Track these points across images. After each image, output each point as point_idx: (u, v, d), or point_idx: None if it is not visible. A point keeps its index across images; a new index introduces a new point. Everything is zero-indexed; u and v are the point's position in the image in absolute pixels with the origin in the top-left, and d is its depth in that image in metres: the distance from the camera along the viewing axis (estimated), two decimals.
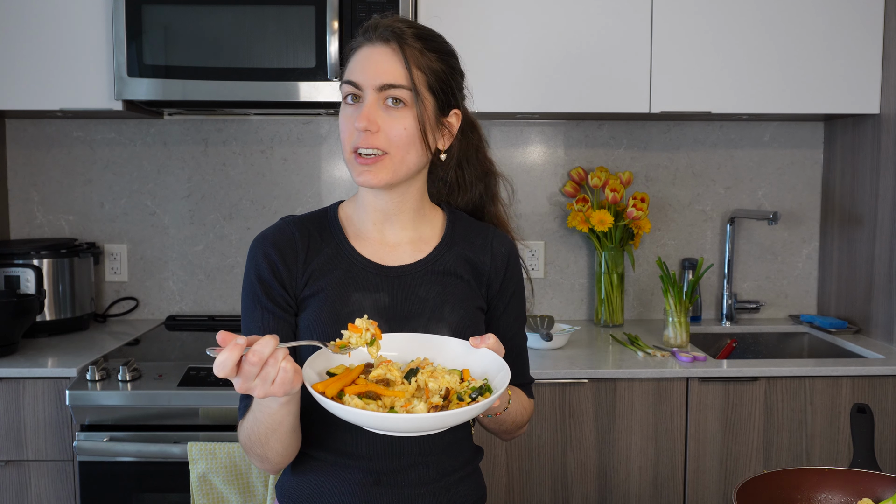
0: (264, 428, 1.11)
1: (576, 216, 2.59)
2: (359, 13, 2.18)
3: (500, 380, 1.07)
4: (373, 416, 0.97)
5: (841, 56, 2.36)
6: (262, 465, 1.19)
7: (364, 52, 1.19)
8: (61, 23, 2.27)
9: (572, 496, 2.11)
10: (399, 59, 1.18)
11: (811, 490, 1.18)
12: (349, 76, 1.20)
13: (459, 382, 1.08)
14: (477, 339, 1.12)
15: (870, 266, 2.46)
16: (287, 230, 1.25)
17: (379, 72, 1.17)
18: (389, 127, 1.17)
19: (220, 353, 0.94)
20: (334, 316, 1.19)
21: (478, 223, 1.35)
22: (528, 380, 1.37)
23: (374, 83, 1.17)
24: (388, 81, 1.17)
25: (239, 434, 1.20)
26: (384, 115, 1.17)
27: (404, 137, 1.18)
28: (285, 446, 1.14)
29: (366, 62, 1.18)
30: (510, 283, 1.32)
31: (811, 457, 2.13)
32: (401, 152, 1.18)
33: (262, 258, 1.23)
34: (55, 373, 2.04)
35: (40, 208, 2.67)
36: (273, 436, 1.12)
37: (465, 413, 0.99)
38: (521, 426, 1.34)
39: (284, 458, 1.17)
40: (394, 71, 1.17)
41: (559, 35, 2.33)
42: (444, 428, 1.03)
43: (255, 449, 1.15)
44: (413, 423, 0.98)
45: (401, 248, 1.27)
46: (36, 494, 2.06)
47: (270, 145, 2.68)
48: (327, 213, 1.30)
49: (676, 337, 2.33)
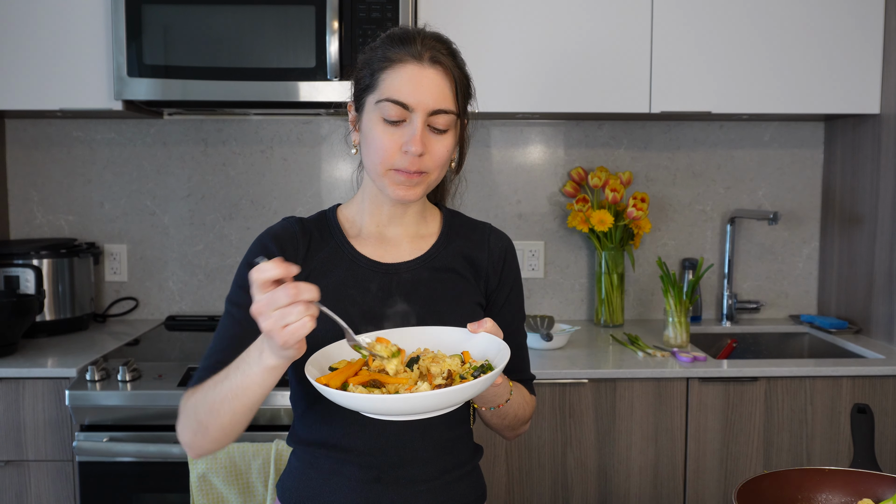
0: (226, 390, 1.05)
1: (576, 216, 2.59)
2: (359, 13, 2.18)
3: (499, 358, 1.07)
4: (376, 399, 0.96)
5: (841, 56, 2.36)
6: (194, 437, 1.12)
7: (412, 73, 1.17)
8: (61, 23, 2.27)
9: (572, 496, 2.11)
10: (449, 85, 1.18)
11: (811, 490, 1.18)
12: (397, 96, 1.16)
13: (461, 365, 1.08)
14: (474, 324, 1.13)
15: (870, 266, 2.46)
16: (290, 227, 1.26)
17: (433, 96, 1.16)
18: (435, 150, 1.18)
19: (267, 265, 0.93)
20: (336, 314, 1.19)
21: (474, 221, 1.36)
22: (528, 376, 1.37)
23: (427, 107, 1.16)
24: (441, 107, 1.17)
25: (185, 398, 1.14)
26: (430, 138, 1.18)
27: (444, 158, 1.20)
28: (232, 421, 1.08)
29: (417, 82, 1.16)
30: (508, 279, 1.33)
31: (811, 457, 2.13)
32: (438, 171, 1.21)
33: (259, 249, 1.23)
34: (55, 373, 2.04)
35: (40, 208, 2.67)
36: (230, 402, 1.05)
37: (469, 389, 0.98)
38: (524, 422, 1.34)
39: (221, 435, 1.10)
40: (445, 96, 1.18)
41: (559, 35, 2.33)
42: (449, 407, 1.02)
43: (199, 414, 1.09)
44: (416, 403, 0.97)
45: (400, 246, 1.28)
46: (36, 494, 2.06)
47: (270, 145, 2.68)
48: (326, 215, 1.31)
49: (676, 337, 2.33)
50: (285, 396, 1.96)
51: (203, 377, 1.14)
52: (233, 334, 1.18)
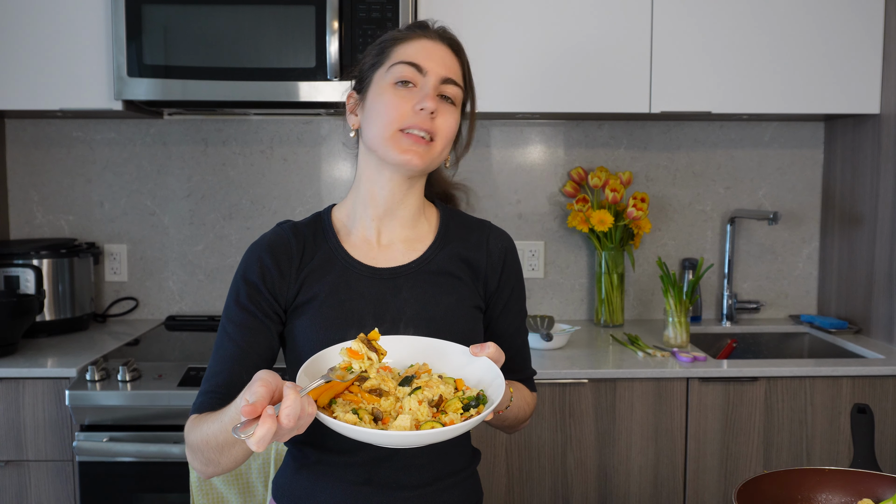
0: (230, 435, 1.01)
1: (576, 216, 2.59)
2: (359, 13, 2.18)
3: (493, 390, 1.05)
4: (361, 431, 0.95)
5: (841, 56, 2.36)
6: (206, 468, 1.10)
7: (424, 44, 1.22)
8: (61, 23, 2.27)
9: (572, 496, 2.11)
10: (457, 61, 1.24)
11: (811, 490, 1.18)
12: (411, 58, 1.20)
13: (453, 392, 1.06)
14: (477, 347, 1.10)
15: (870, 266, 2.46)
16: (283, 235, 1.25)
17: (444, 64, 1.22)
18: (444, 119, 1.20)
19: (257, 429, 0.88)
20: (329, 321, 1.19)
21: (473, 220, 1.34)
22: (529, 373, 1.37)
23: (439, 72, 1.21)
24: (452, 76, 1.22)
25: (189, 431, 1.11)
26: (441, 106, 1.20)
27: (449, 132, 1.21)
28: (245, 456, 1.07)
29: (430, 52, 1.22)
30: (509, 280, 1.30)
31: (811, 457, 2.13)
32: (442, 144, 1.21)
33: (254, 262, 1.22)
34: (55, 373, 2.04)
35: (40, 208, 2.67)
36: (240, 445, 1.03)
37: (455, 430, 0.97)
38: (524, 420, 1.33)
39: (232, 465, 1.09)
40: (455, 69, 1.23)
41: (559, 35, 2.33)
42: (432, 442, 1.00)
43: (209, 453, 1.07)
44: (398, 440, 0.97)
45: (393, 249, 1.26)
46: (36, 494, 2.06)
47: (270, 145, 2.68)
48: (321, 217, 1.30)
49: (676, 337, 2.33)
50: None
51: (204, 402, 1.14)
52: (230, 355, 1.17)
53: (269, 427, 0.88)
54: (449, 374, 1.11)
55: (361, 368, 1.02)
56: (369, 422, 1.00)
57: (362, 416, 1.01)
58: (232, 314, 1.20)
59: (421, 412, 1.02)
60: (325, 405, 1.02)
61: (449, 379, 1.09)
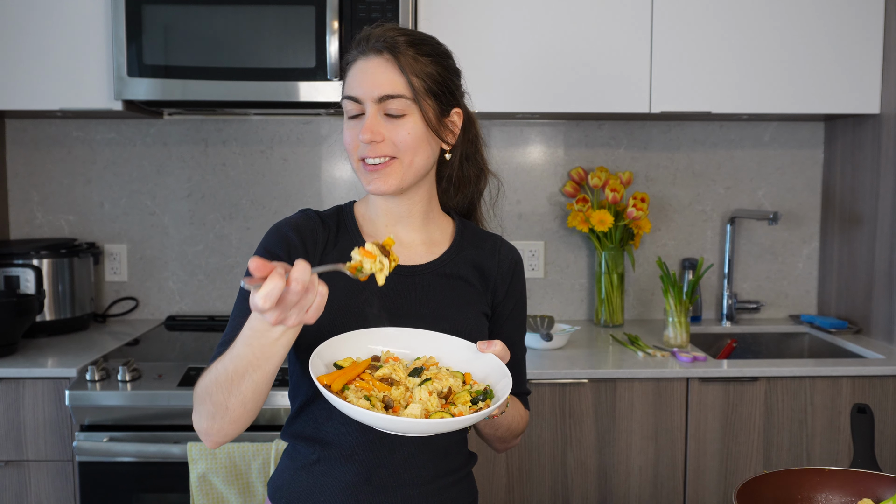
0: (246, 363, 1.00)
1: (576, 216, 2.59)
2: (359, 13, 2.18)
3: (501, 387, 1.08)
4: (376, 416, 0.97)
5: (841, 56, 2.36)
6: (212, 423, 1.08)
7: (359, 66, 1.21)
8: (61, 23, 2.27)
9: (572, 496, 2.11)
10: (395, 69, 1.19)
11: (811, 490, 1.18)
12: (348, 92, 1.21)
13: (461, 386, 1.09)
14: (484, 343, 1.13)
15: (870, 266, 2.46)
16: (311, 219, 1.26)
17: (377, 83, 1.18)
18: (394, 134, 1.19)
19: (264, 284, 0.88)
20: (343, 310, 1.20)
21: (485, 231, 1.38)
22: (524, 390, 1.37)
23: (372, 95, 1.18)
24: (387, 92, 1.18)
25: (200, 381, 1.09)
26: (387, 125, 1.19)
27: (410, 142, 1.19)
28: (254, 394, 1.04)
29: (362, 76, 1.20)
30: (514, 291, 1.33)
31: (811, 457, 2.13)
32: (409, 156, 1.20)
33: (280, 238, 1.22)
34: (55, 373, 2.04)
35: (40, 208, 2.67)
36: (251, 375, 1.01)
37: (464, 421, 0.99)
38: (515, 435, 1.34)
39: (241, 413, 1.06)
40: (391, 81, 1.18)
41: (559, 35, 2.33)
42: (444, 431, 1.03)
43: (217, 395, 1.04)
44: (410, 427, 0.99)
45: (414, 249, 1.28)
46: (36, 494, 2.06)
47: (270, 145, 2.68)
48: (343, 210, 1.32)
49: (676, 337, 2.33)
50: (285, 396, 1.96)
51: (217, 355, 1.13)
52: (247, 314, 1.17)
53: (277, 283, 0.88)
54: (455, 369, 1.14)
55: (372, 269, 1.03)
56: (381, 409, 1.02)
57: (374, 403, 1.03)
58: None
59: (431, 403, 1.04)
60: (338, 391, 1.03)
61: (457, 373, 1.11)
